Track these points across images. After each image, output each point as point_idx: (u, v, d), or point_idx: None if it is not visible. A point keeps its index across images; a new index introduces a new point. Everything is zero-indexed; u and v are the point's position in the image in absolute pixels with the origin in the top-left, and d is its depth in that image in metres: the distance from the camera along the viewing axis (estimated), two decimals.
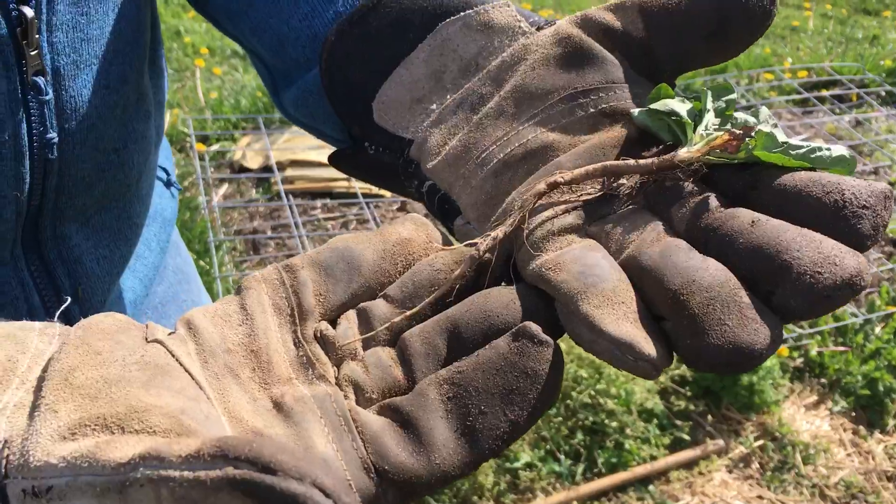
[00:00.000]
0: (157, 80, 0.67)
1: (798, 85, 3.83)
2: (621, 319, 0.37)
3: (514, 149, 0.46)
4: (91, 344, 0.35)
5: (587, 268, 0.39)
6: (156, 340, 0.37)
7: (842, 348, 2.28)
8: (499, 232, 0.42)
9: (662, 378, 2.04)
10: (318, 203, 2.82)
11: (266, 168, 2.90)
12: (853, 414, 2.15)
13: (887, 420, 2.13)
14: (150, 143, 0.65)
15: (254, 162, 2.95)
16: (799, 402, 2.17)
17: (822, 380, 2.23)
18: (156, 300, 0.77)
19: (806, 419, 2.13)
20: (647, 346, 0.36)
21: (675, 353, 0.38)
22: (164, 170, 0.78)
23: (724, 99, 0.45)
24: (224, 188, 2.91)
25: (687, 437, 2.00)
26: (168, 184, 0.78)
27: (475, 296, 0.40)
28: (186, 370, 0.36)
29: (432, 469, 0.34)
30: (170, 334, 0.38)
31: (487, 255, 0.42)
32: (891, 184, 3.05)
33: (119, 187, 0.62)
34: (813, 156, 0.41)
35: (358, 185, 2.85)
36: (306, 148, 2.96)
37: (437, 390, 0.36)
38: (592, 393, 1.94)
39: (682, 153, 0.42)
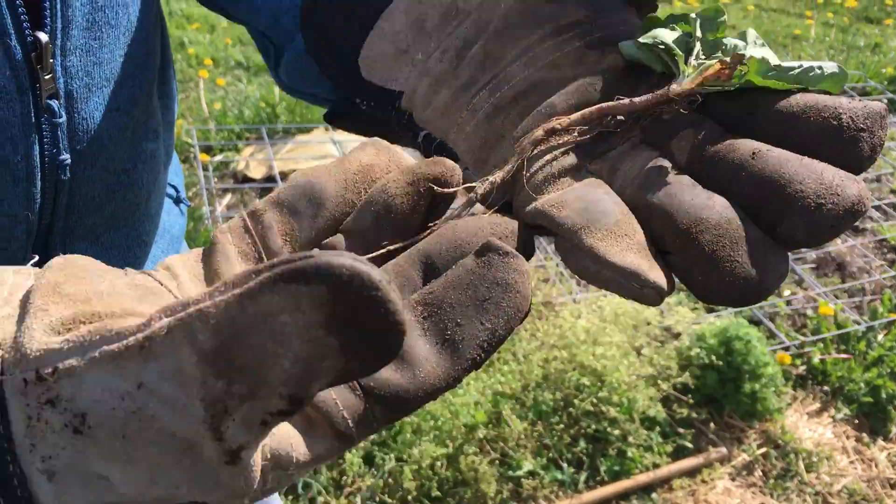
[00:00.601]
0: (166, 100, 0.68)
1: None
2: (626, 250, 0.38)
3: (503, 91, 0.46)
4: (76, 264, 0.34)
5: (590, 203, 0.39)
6: (143, 272, 0.36)
7: (844, 356, 2.28)
8: (496, 177, 0.42)
9: (665, 386, 2.04)
10: None
11: (269, 178, 2.92)
12: (856, 421, 2.15)
13: (890, 427, 2.12)
14: (159, 163, 0.66)
15: (257, 172, 2.96)
16: (802, 409, 2.17)
17: (825, 387, 2.23)
18: None
19: (809, 427, 2.12)
20: (653, 273, 0.37)
21: (684, 287, 0.40)
22: (174, 187, 0.79)
23: (714, 22, 0.44)
24: (227, 198, 2.93)
25: (690, 445, 2.00)
26: (177, 200, 0.79)
27: (444, 227, 0.39)
28: (175, 297, 0.35)
29: (417, 382, 0.34)
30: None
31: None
32: (893, 192, 3.06)
33: (128, 207, 0.63)
34: (808, 76, 0.41)
35: None
36: (309, 157, 2.98)
37: (412, 313, 0.35)
38: (594, 401, 1.95)
39: (676, 87, 0.42)
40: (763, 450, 2.03)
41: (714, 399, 2.11)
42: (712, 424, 2.08)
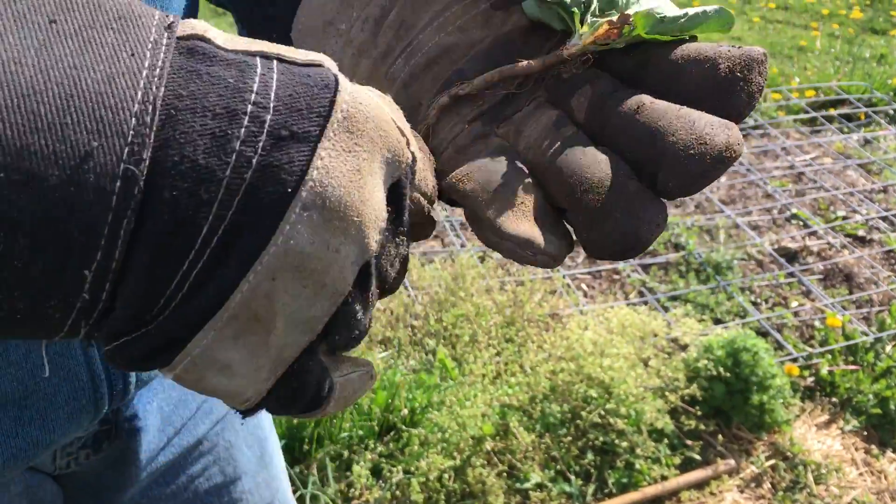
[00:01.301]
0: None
1: (806, 104, 3.84)
2: (520, 219, 0.40)
3: (417, 59, 0.47)
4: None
5: (490, 174, 0.41)
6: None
7: (852, 367, 2.27)
8: None
9: (672, 398, 2.03)
10: None
11: None
12: (865, 433, 2.14)
13: None
14: None
15: None
16: (810, 421, 2.17)
17: (833, 399, 2.22)
18: None
19: (817, 438, 2.12)
20: (545, 240, 0.40)
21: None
22: None
23: None
24: None
25: (698, 457, 2.00)
26: None
27: None
28: None
29: None
30: None
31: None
32: None
33: None
34: (694, 23, 0.42)
35: None
36: None
37: None
38: (602, 413, 1.95)
39: (569, 48, 0.43)
40: (771, 462, 2.03)
41: (722, 411, 2.10)
42: (720, 436, 2.08)
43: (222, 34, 0.34)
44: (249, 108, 0.32)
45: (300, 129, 0.32)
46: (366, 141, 0.34)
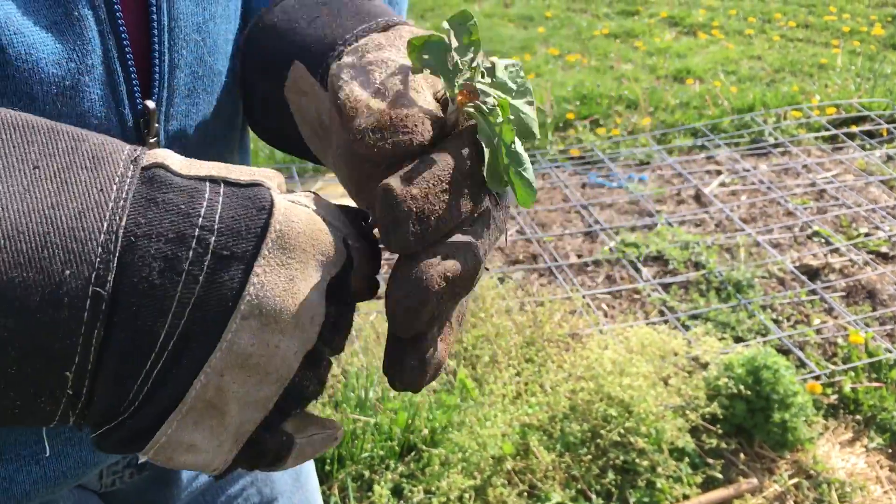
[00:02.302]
0: (244, 157, 0.74)
1: (827, 122, 3.83)
2: None
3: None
4: None
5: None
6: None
7: (876, 384, 2.25)
8: None
9: (693, 416, 2.03)
10: None
11: None
12: (889, 450, 2.12)
13: None
14: None
15: None
16: (834, 439, 2.15)
17: (857, 416, 2.21)
18: None
19: (841, 456, 2.10)
20: None
21: None
22: None
23: (465, 26, 0.45)
24: None
25: (719, 476, 1.99)
26: None
27: None
28: None
29: None
30: None
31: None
32: None
33: None
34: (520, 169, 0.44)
35: None
36: (339, 196, 3.03)
37: None
38: (622, 432, 1.95)
39: (448, 114, 0.45)
40: (795, 480, 2.02)
41: (743, 429, 2.10)
42: (742, 455, 2.07)
43: (180, 160, 0.41)
44: (197, 232, 0.38)
45: (239, 249, 0.39)
46: (298, 253, 0.40)
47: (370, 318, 2.41)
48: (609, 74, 4.67)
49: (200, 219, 0.38)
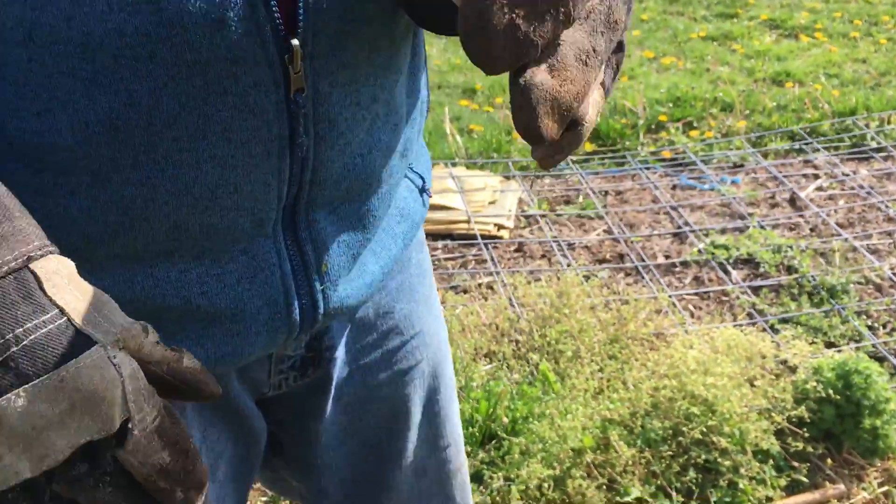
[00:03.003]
0: (413, 98, 0.77)
1: None
2: None
3: None
4: None
5: None
6: None
7: None
8: None
9: (778, 419, 2.00)
10: (440, 244, 2.94)
11: None
12: None
13: None
14: (392, 152, 0.75)
15: None
16: None
17: None
18: (392, 285, 0.88)
19: None
20: None
21: None
22: (421, 177, 0.87)
23: None
24: None
25: (805, 480, 1.96)
26: (422, 190, 0.87)
27: None
28: None
29: None
30: None
31: None
32: None
33: (361, 185, 0.72)
34: None
35: (477, 228, 2.96)
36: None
37: None
38: (704, 430, 1.94)
39: None
40: (885, 489, 1.96)
41: (832, 434, 2.05)
42: (829, 460, 2.03)
43: (67, 277, 0.47)
44: (9, 336, 0.43)
45: (24, 368, 0.43)
46: (71, 400, 0.43)
47: (455, 311, 2.46)
48: (704, 77, 4.60)
49: (19, 329, 0.43)
